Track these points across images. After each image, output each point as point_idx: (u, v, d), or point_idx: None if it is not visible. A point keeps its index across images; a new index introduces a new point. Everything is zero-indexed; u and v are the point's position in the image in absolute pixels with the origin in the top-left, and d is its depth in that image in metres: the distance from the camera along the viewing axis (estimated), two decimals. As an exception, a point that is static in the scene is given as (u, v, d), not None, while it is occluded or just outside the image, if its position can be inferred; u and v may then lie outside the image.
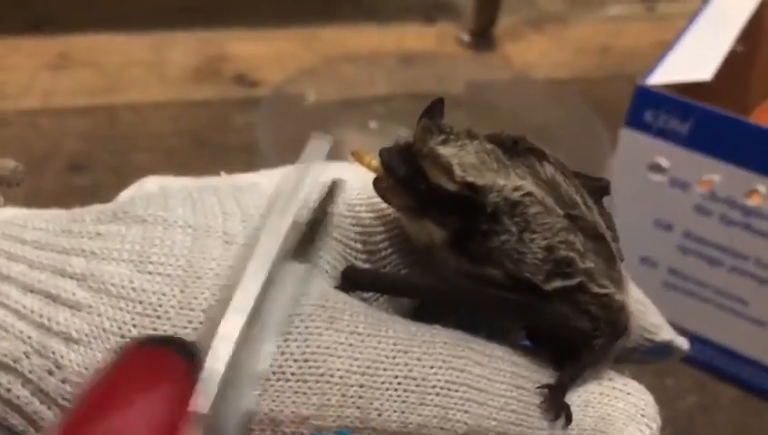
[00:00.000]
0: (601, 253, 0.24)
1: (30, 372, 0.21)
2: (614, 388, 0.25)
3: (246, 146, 0.79)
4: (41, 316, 0.21)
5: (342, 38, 1.03)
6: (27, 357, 0.21)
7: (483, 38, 1.04)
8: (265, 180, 0.26)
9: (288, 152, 0.68)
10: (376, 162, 0.24)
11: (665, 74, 0.57)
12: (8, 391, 0.21)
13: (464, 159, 0.23)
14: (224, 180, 0.26)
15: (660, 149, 0.56)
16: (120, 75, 0.92)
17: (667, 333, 0.29)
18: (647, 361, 0.30)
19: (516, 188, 0.23)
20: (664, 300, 0.60)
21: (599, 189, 0.27)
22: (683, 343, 0.30)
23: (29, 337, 0.21)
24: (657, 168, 0.57)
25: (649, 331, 0.29)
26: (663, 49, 0.62)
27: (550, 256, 0.23)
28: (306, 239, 0.23)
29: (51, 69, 0.92)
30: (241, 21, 1.04)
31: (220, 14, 1.05)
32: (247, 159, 0.79)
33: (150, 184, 0.26)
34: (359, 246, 0.25)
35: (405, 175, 0.23)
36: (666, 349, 0.29)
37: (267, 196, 0.25)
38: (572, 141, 0.68)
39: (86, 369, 0.21)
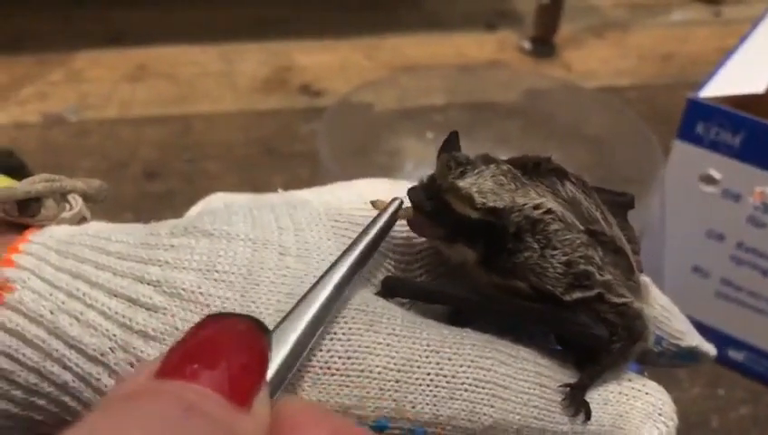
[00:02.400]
0: (620, 264, 0.26)
1: (115, 364, 0.24)
2: (632, 388, 0.27)
3: (311, 154, 0.83)
4: (123, 317, 0.24)
5: (404, 47, 1.06)
6: (112, 352, 0.24)
7: (544, 45, 1.05)
8: (316, 198, 0.29)
9: (347, 161, 0.71)
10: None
11: (718, 87, 0.58)
12: (98, 380, 0.24)
13: (482, 187, 0.25)
14: (280, 197, 0.29)
15: (712, 161, 0.57)
16: (193, 86, 0.98)
17: (692, 339, 0.31)
18: (674, 365, 0.31)
19: (537, 207, 0.25)
20: (717, 310, 0.62)
21: (623, 204, 0.29)
22: (710, 348, 0.31)
23: (114, 335, 0.24)
24: (709, 179, 0.58)
25: (675, 336, 0.30)
26: (730, 50, 0.62)
27: (569, 270, 0.25)
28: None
29: (129, 80, 0.98)
30: (307, 32, 1.08)
31: (288, 25, 1.09)
32: (311, 166, 0.83)
33: (216, 200, 0.29)
34: (396, 256, 0.28)
35: (432, 210, 0.26)
36: (692, 354, 0.31)
37: (317, 212, 0.28)
38: (626, 152, 0.69)
39: None
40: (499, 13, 1.15)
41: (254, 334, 0.20)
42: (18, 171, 0.30)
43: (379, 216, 0.26)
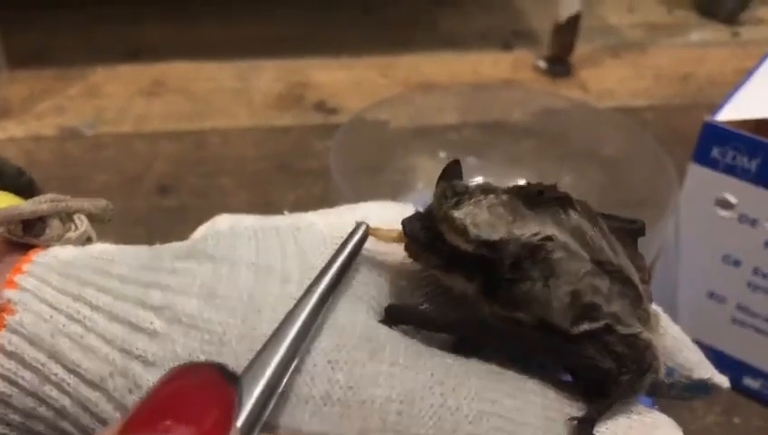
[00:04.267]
0: (628, 295, 0.25)
1: (114, 390, 0.24)
2: (642, 421, 0.26)
3: (324, 171, 0.82)
4: (123, 341, 0.24)
5: (420, 66, 1.06)
6: (111, 377, 0.24)
7: (560, 65, 1.05)
8: (321, 221, 0.28)
9: (359, 179, 0.71)
10: (395, 233, 0.27)
11: (734, 110, 0.57)
12: (96, 405, 0.24)
13: (477, 218, 0.25)
14: (285, 220, 0.29)
15: (728, 186, 0.56)
16: (208, 101, 0.98)
17: (705, 371, 0.30)
18: (685, 397, 0.30)
19: (535, 234, 0.24)
20: (732, 336, 0.60)
21: (633, 232, 0.28)
22: (722, 380, 0.30)
23: (113, 360, 0.24)
24: (725, 203, 0.57)
25: (686, 368, 0.29)
26: (747, 74, 0.62)
27: (575, 302, 0.24)
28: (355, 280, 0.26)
29: (145, 95, 0.99)
30: (323, 49, 1.08)
31: (304, 43, 1.10)
32: (324, 183, 0.83)
33: (222, 223, 0.29)
34: (402, 283, 0.27)
35: (426, 241, 0.26)
36: (704, 386, 0.30)
37: (322, 236, 0.27)
38: (641, 173, 0.68)
39: None
40: (515, 32, 1.15)
41: (222, 384, 0.20)
42: (27, 190, 0.30)
43: (344, 244, 0.26)
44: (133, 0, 1.17)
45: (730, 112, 0.57)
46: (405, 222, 0.26)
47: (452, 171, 0.27)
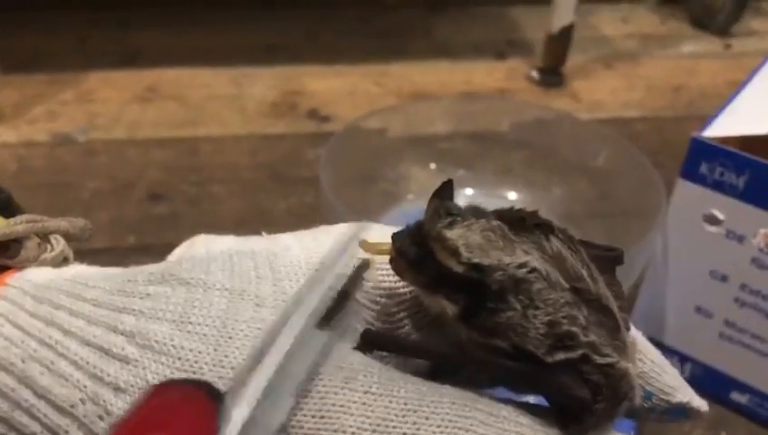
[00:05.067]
0: (606, 324, 0.25)
1: (84, 416, 0.24)
2: None
3: (316, 179, 0.82)
4: (95, 368, 0.24)
5: (413, 75, 1.06)
6: (82, 403, 0.24)
7: (552, 75, 1.05)
8: (297, 245, 0.28)
9: (349, 189, 0.71)
10: (386, 247, 0.26)
11: (724, 126, 0.57)
12: (66, 432, 0.24)
13: (470, 240, 0.25)
14: (262, 243, 0.29)
15: (716, 202, 0.56)
16: (202, 108, 0.98)
17: (683, 395, 0.30)
18: (665, 420, 0.30)
19: (521, 266, 0.24)
20: (720, 351, 0.61)
21: (611, 259, 0.28)
22: (701, 404, 0.30)
23: (84, 386, 0.24)
24: (712, 219, 0.57)
25: (665, 392, 0.29)
26: (737, 88, 0.62)
27: (552, 331, 0.24)
28: (334, 308, 0.25)
29: (139, 101, 0.99)
30: (317, 58, 1.08)
31: (297, 50, 1.10)
32: (316, 191, 0.82)
33: (200, 243, 0.29)
34: (378, 308, 0.27)
35: (416, 257, 0.26)
36: (683, 410, 0.30)
37: (298, 260, 0.27)
38: (629, 186, 0.68)
39: None
40: (509, 42, 1.15)
41: (206, 400, 0.20)
42: (5, 208, 0.30)
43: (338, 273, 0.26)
44: (128, 5, 1.17)
45: (719, 128, 0.57)
46: (395, 236, 0.26)
47: (444, 191, 0.27)
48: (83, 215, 0.84)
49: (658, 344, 0.63)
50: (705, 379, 0.62)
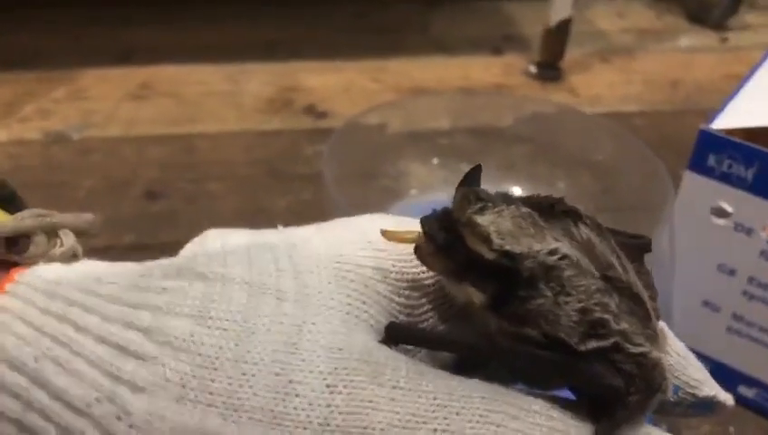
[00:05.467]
0: (637, 312, 0.25)
1: (101, 416, 0.23)
2: None
3: (314, 176, 0.82)
4: (111, 365, 0.23)
5: (410, 70, 1.05)
6: (99, 402, 0.23)
7: (550, 70, 1.05)
8: (316, 237, 0.27)
9: (351, 185, 0.70)
10: (410, 235, 0.26)
11: (730, 118, 0.57)
12: (82, 433, 0.23)
13: (501, 227, 0.24)
14: (279, 235, 0.28)
15: (724, 194, 0.56)
16: (197, 105, 0.97)
17: (709, 389, 0.29)
18: (690, 414, 0.30)
19: (551, 252, 0.24)
20: (728, 345, 0.60)
21: (639, 247, 0.27)
22: (727, 398, 0.30)
23: (101, 385, 0.23)
24: (720, 212, 0.57)
25: (691, 386, 0.29)
26: (735, 82, 0.61)
27: (584, 318, 0.23)
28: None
29: (134, 99, 0.98)
30: (313, 53, 1.07)
31: (294, 47, 1.09)
32: (315, 188, 0.82)
33: (213, 237, 0.28)
34: (402, 300, 0.26)
35: (445, 242, 0.25)
36: (709, 404, 0.30)
37: (317, 253, 0.26)
38: (633, 179, 0.67)
39: (149, 415, 0.23)
40: (506, 37, 1.15)
41: None
42: (10, 202, 0.29)
43: None
44: (122, 2, 1.16)
45: (726, 120, 0.57)
46: (424, 220, 0.25)
47: (472, 177, 0.26)
48: (79, 213, 0.82)
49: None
50: (713, 373, 0.61)
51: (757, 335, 0.59)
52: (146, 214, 0.80)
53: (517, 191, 0.73)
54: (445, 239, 0.25)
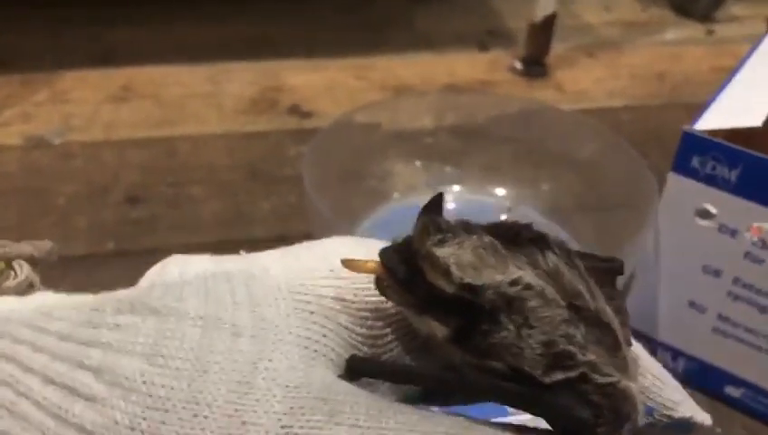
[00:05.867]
0: (605, 341, 0.24)
1: None
2: None
3: (299, 178, 0.80)
4: (59, 408, 0.22)
5: (395, 67, 1.04)
6: None
7: (536, 65, 1.04)
8: (277, 265, 0.26)
9: (333, 187, 0.69)
10: (372, 264, 0.25)
11: (714, 118, 0.56)
12: None
13: (461, 259, 0.23)
14: (240, 263, 0.27)
15: (708, 196, 0.55)
16: (178, 107, 0.96)
17: (686, 410, 0.28)
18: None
19: (513, 282, 0.23)
20: (714, 346, 0.60)
21: (610, 270, 0.27)
22: (704, 418, 0.29)
23: (47, 428, 0.22)
24: (705, 213, 0.56)
25: (668, 407, 0.28)
26: (722, 75, 0.61)
27: (549, 351, 0.23)
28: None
29: (114, 101, 0.96)
30: (296, 52, 1.06)
31: (277, 45, 1.08)
32: (300, 190, 0.81)
33: (173, 264, 0.27)
34: (364, 331, 0.26)
35: (404, 276, 0.24)
36: (686, 425, 0.29)
37: (277, 283, 0.25)
38: (618, 178, 0.67)
39: None
40: (491, 32, 1.14)
41: None
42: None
43: None
44: (101, 1, 1.14)
45: (710, 120, 0.56)
46: (383, 253, 0.25)
47: (434, 206, 0.25)
48: (59, 220, 0.82)
49: (652, 340, 0.63)
50: (699, 374, 0.62)
51: (743, 336, 0.59)
52: (127, 219, 0.79)
53: (501, 192, 0.72)
54: (405, 273, 0.24)
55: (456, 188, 0.72)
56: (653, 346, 0.63)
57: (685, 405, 0.28)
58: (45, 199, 0.81)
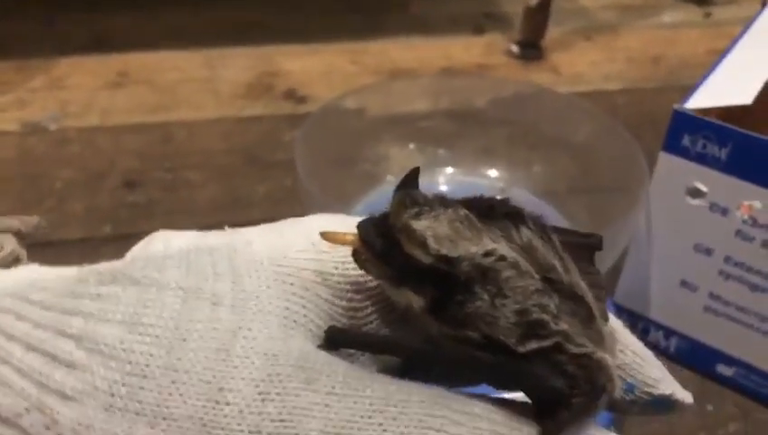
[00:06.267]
0: (579, 313, 0.24)
1: (30, 426, 0.22)
2: None
3: (294, 161, 0.81)
4: (40, 374, 0.23)
5: (391, 51, 1.04)
6: (27, 412, 0.22)
7: (532, 49, 1.03)
8: (260, 240, 0.27)
9: (327, 172, 0.69)
10: (351, 237, 0.25)
11: (705, 97, 0.56)
12: None
13: (437, 231, 0.24)
14: (222, 238, 0.27)
15: (699, 174, 0.55)
16: (174, 92, 0.96)
17: (666, 387, 0.29)
18: (648, 413, 0.29)
19: (487, 254, 0.23)
20: (705, 324, 0.60)
21: (589, 246, 0.27)
22: (685, 396, 0.29)
23: (29, 394, 0.23)
24: (696, 192, 0.56)
25: (648, 384, 0.28)
26: (718, 58, 0.61)
27: (522, 319, 0.23)
28: None
29: (110, 87, 0.97)
30: (292, 36, 1.06)
31: (272, 29, 1.07)
32: (294, 174, 0.81)
33: (158, 240, 0.27)
34: (344, 303, 0.26)
35: (381, 249, 0.24)
36: (667, 402, 0.29)
37: (260, 257, 0.26)
38: (611, 160, 0.67)
39: (78, 425, 0.22)
40: (487, 15, 1.13)
41: None
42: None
43: None
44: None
45: (701, 99, 0.56)
46: (360, 226, 0.25)
47: (410, 180, 0.26)
48: (56, 205, 0.82)
49: (644, 319, 0.63)
50: (691, 352, 0.62)
51: (734, 314, 0.59)
52: (124, 204, 0.79)
53: (493, 174, 0.73)
54: (382, 245, 0.24)
55: (450, 170, 0.72)
56: (645, 325, 0.63)
57: (665, 383, 0.28)
58: (42, 185, 0.81)
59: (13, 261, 0.27)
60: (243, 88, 0.97)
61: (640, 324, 0.63)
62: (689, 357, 0.62)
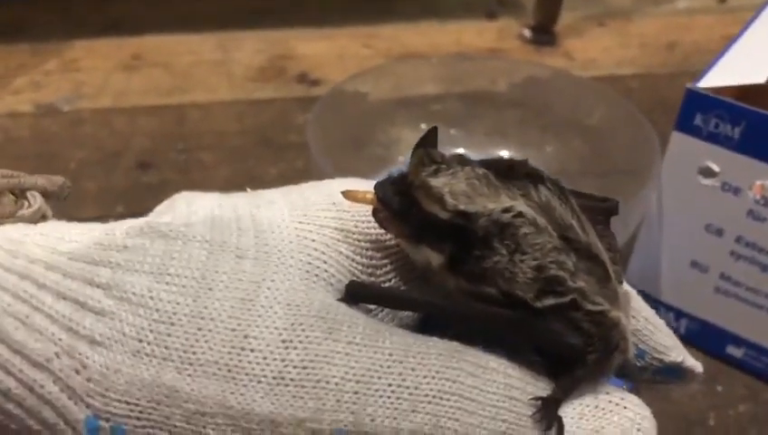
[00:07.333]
0: (595, 272, 0.25)
1: (60, 370, 0.23)
2: (610, 401, 0.25)
3: (306, 144, 0.81)
4: (70, 321, 0.23)
5: (403, 36, 1.04)
6: (58, 357, 0.23)
7: (544, 34, 1.03)
8: (282, 199, 0.27)
9: (339, 153, 0.70)
10: (371, 195, 0.26)
11: (718, 77, 0.56)
12: (42, 386, 0.23)
13: (454, 188, 0.24)
14: (246, 197, 0.28)
15: (711, 154, 0.55)
16: (188, 75, 0.96)
17: (677, 355, 0.29)
18: (658, 381, 0.30)
19: (506, 210, 0.24)
20: (715, 305, 0.60)
21: (605, 210, 0.27)
22: (695, 365, 0.30)
23: (60, 339, 0.23)
24: (708, 172, 0.56)
25: (659, 351, 0.29)
26: (731, 40, 0.61)
27: (540, 275, 0.24)
28: None
29: (124, 69, 0.97)
30: (304, 20, 1.06)
31: (285, 13, 1.08)
32: (307, 156, 0.81)
33: (181, 199, 0.28)
34: (364, 260, 0.26)
35: (399, 207, 0.25)
36: (677, 370, 0.29)
37: (281, 214, 0.26)
38: (623, 142, 0.67)
39: (106, 369, 0.23)
40: (500, 1, 1.13)
41: None
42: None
43: None
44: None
45: (714, 79, 0.56)
46: (378, 186, 0.26)
47: (429, 139, 0.26)
48: (70, 185, 0.83)
49: (654, 300, 0.63)
50: (701, 333, 0.62)
51: (745, 295, 0.59)
52: (137, 185, 0.80)
53: (506, 155, 0.73)
54: (399, 204, 0.25)
55: (462, 150, 0.73)
56: (655, 306, 0.63)
57: (676, 350, 0.29)
58: (56, 164, 0.82)
59: (40, 217, 0.28)
60: (256, 71, 0.98)
61: (650, 305, 0.63)
62: (699, 338, 0.62)
